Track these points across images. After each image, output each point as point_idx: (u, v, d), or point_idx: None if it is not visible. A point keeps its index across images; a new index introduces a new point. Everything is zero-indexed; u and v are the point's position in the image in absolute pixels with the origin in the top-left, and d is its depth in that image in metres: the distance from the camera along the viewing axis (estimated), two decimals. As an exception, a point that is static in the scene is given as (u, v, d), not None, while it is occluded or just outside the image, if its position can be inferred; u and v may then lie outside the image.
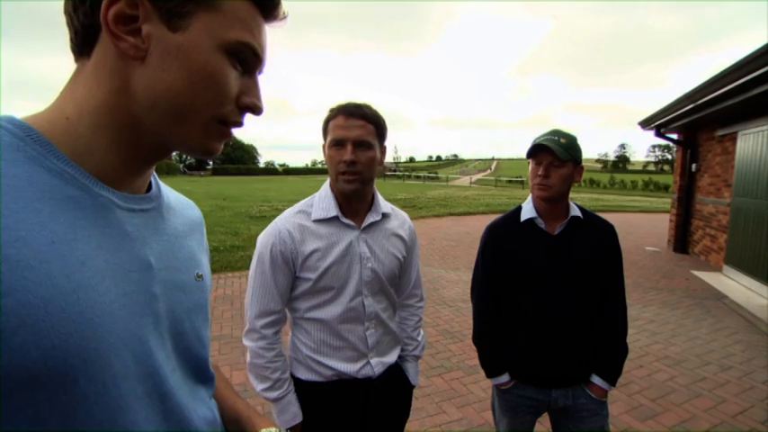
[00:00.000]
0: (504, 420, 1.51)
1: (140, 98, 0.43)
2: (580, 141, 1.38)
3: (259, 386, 1.17)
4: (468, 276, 5.55)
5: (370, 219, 1.23)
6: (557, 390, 1.42)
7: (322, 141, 1.22)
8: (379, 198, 1.28)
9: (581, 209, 1.45)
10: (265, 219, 10.93)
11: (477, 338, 1.52)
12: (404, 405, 1.39)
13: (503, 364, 1.46)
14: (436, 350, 3.48)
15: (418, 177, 52.33)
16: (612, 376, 1.42)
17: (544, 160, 1.33)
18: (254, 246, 1.27)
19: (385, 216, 1.28)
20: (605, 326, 1.44)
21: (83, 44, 0.42)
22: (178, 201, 0.58)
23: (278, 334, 1.21)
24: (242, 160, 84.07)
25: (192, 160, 79.29)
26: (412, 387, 1.39)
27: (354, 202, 1.21)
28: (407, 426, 2.43)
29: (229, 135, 0.49)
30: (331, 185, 1.22)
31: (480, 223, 8.90)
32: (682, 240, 7.98)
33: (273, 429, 0.64)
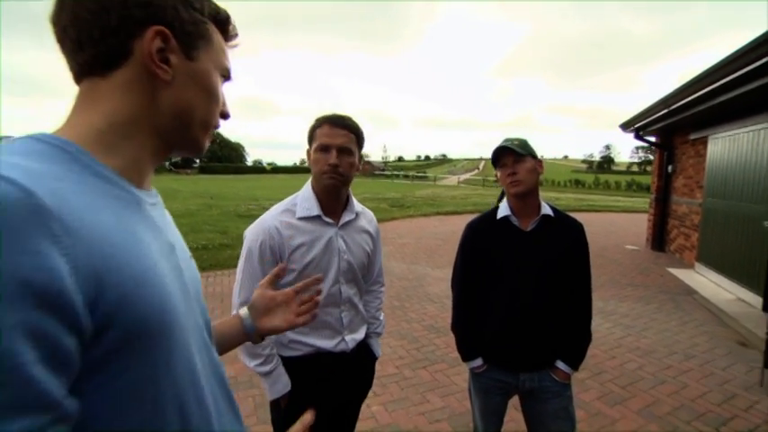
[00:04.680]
0: (477, 401, 1.65)
1: (165, 111, 0.53)
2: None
3: (252, 363, 1.31)
4: (453, 274, 5.72)
5: (346, 217, 1.42)
6: (524, 373, 1.56)
7: (307, 146, 1.39)
8: (353, 199, 1.46)
9: (552, 208, 1.60)
10: (254, 217, 10.91)
11: (455, 326, 1.66)
12: (370, 375, 1.60)
13: (476, 350, 1.60)
14: (421, 344, 3.63)
15: (407, 177, 52.54)
16: (575, 362, 1.56)
17: (508, 161, 1.49)
18: (242, 244, 1.42)
19: (357, 215, 1.47)
20: (571, 316, 1.57)
21: (103, 65, 0.49)
22: None
23: None
24: (229, 158, 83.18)
25: (179, 158, 78.41)
26: (375, 359, 1.60)
27: (333, 201, 1.38)
28: (394, 415, 2.58)
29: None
30: (312, 185, 1.38)
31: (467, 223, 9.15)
32: (659, 239, 8.29)
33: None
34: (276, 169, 78.24)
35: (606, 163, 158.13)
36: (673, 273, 6.36)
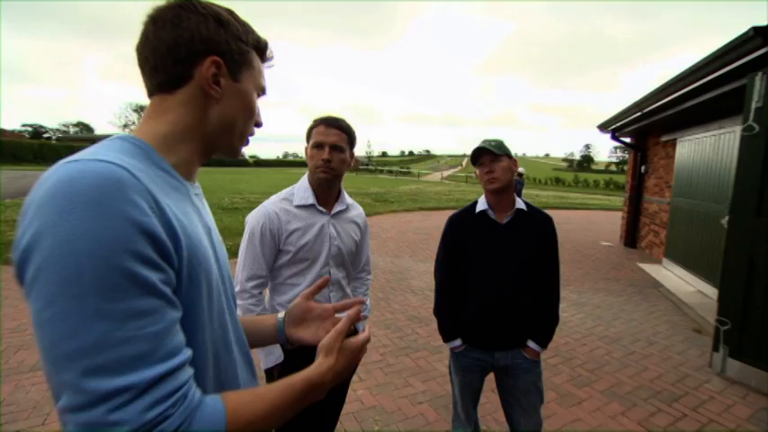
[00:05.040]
0: (457, 378, 1.83)
1: (213, 122, 0.66)
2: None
3: None
4: (436, 267, 5.92)
5: (338, 207, 1.59)
6: (499, 352, 1.74)
7: (305, 143, 1.56)
8: (344, 193, 1.64)
9: (525, 203, 1.77)
10: (238, 210, 10.93)
11: (437, 311, 1.82)
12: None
13: (456, 332, 1.77)
14: (405, 333, 3.80)
15: (390, 172, 52.65)
16: (544, 341, 1.74)
17: (486, 160, 1.65)
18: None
19: (348, 207, 1.64)
20: (541, 300, 1.75)
21: (171, 86, 0.63)
22: None
23: (262, 293, 1.53)
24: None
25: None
26: None
27: (326, 192, 1.54)
28: (378, 398, 2.74)
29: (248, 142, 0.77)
30: (309, 178, 1.54)
31: (449, 218, 9.32)
32: (632, 236, 8.68)
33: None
34: (258, 162, 77.15)
35: (586, 162, 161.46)
36: (642, 267, 6.72)
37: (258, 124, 0.75)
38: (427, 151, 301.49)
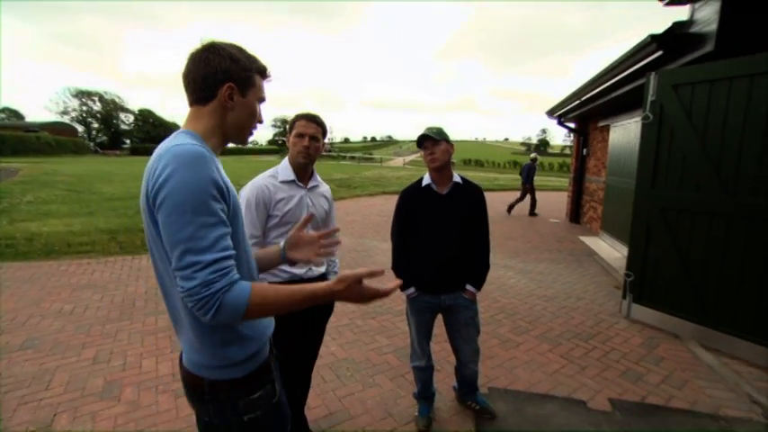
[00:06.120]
0: (413, 319, 2.28)
1: (229, 124, 1.01)
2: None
3: None
4: (399, 245, 6.39)
5: (312, 183, 1.99)
6: (444, 295, 2.20)
7: (288, 133, 1.96)
8: (316, 173, 2.04)
9: (461, 177, 2.22)
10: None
11: (394, 266, 2.25)
12: (331, 304, 2.15)
13: (410, 281, 2.21)
14: (371, 301, 4.25)
15: (353, 158, 52.51)
16: (479, 284, 2.21)
17: (428, 144, 2.07)
18: None
19: (319, 184, 2.05)
20: (475, 253, 2.21)
21: (204, 101, 0.99)
22: None
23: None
24: (164, 138, 77.56)
25: (105, 139, 71.46)
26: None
27: (303, 171, 1.95)
28: (349, 352, 3.15)
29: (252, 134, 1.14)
30: (290, 160, 1.95)
31: (411, 200, 9.72)
32: (576, 212, 9.57)
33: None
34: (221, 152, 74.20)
35: (542, 146, 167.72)
36: (582, 240, 7.54)
37: (260, 121, 1.10)
38: (390, 137, 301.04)
